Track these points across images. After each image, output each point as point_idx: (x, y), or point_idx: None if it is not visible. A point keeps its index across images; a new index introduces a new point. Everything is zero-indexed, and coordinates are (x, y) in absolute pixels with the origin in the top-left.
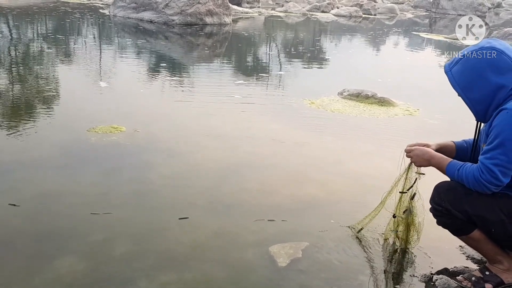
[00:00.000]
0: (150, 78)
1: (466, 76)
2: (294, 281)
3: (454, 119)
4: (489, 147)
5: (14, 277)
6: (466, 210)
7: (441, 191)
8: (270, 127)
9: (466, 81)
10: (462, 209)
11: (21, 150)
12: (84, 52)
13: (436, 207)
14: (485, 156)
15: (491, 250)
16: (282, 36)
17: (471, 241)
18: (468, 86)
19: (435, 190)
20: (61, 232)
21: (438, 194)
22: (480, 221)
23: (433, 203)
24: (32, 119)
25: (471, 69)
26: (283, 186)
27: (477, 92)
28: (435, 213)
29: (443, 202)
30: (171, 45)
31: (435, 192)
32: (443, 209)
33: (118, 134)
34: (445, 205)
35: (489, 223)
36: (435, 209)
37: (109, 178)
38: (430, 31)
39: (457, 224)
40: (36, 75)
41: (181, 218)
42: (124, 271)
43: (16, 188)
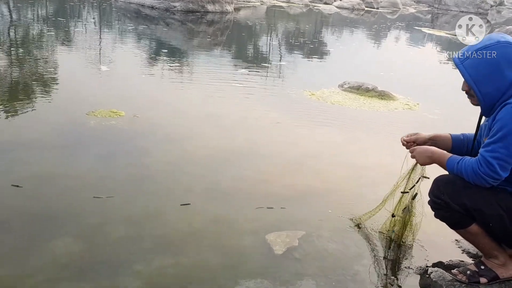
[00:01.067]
0: (150, 64)
1: (481, 70)
2: (289, 269)
3: (453, 114)
4: (490, 140)
5: (10, 257)
6: (465, 203)
7: (440, 184)
8: (269, 116)
9: (480, 74)
10: (461, 202)
11: (20, 131)
12: (85, 36)
13: (435, 200)
14: (486, 149)
15: (488, 244)
16: (283, 27)
17: (468, 235)
18: (482, 79)
19: (434, 183)
20: (58, 214)
21: (437, 187)
22: (479, 214)
23: (432, 196)
24: (31, 101)
25: (486, 63)
26: (280, 175)
27: (491, 86)
28: (434, 206)
29: (442, 195)
30: (172, 32)
31: (434, 185)
32: (442, 202)
33: (117, 118)
34: (444, 198)
35: (487, 217)
36: (434, 202)
37: (107, 162)
38: (432, 26)
39: (455, 218)
40: (36, 58)
41: (182, 204)
42: (120, 254)
43: (13, 169)
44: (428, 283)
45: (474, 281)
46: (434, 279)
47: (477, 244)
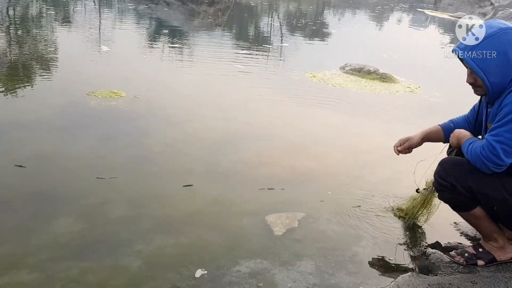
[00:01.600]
0: (151, 45)
1: (489, 60)
2: (289, 249)
3: (454, 97)
4: (496, 124)
5: (12, 235)
6: (471, 186)
7: (446, 166)
8: (270, 98)
9: (489, 64)
10: (467, 185)
11: (20, 111)
12: (85, 15)
13: (441, 182)
14: (490, 133)
15: (489, 227)
16: (285, 7)
17: (471, 218)
18: (491, 69)
19: (440, 165)
20: (59, 194)
21: (444, 168)
22: (484, 198)
23: (438, 178)
24: (31, 81)
25: (493, 52)
26: (280, 157)
27: (500, 74)
28: (439, 187)
29: (449, 177)
30: (172, 12)
31: (440, 167)
32: (448, 184)
33: (118, 99)
34: (450, 180)
35: (492, 201)
36: (440, 184)
37: (108, 143)
38: (435, 8)
39: (460, 200)
40: (36, 38)
41: (185, 186)
42: (120, 233)
43: (14, 150)
44: (426, 264)
45: (471, 263)
46: (432, 260)
47: (478, 226)
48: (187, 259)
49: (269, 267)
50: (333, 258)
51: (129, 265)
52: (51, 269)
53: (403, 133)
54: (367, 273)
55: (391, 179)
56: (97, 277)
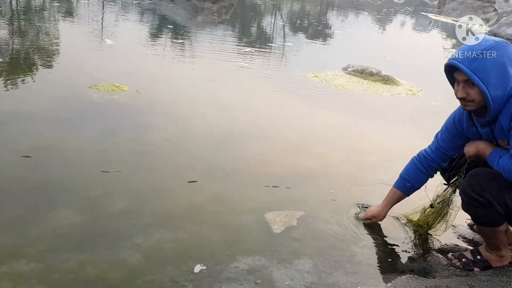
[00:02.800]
0: (155, 40)
1: (491, 73)
2: (287, 247)
3: (455, 101)
4: None
5: (12, 225)
6: (507, 203)
7: (482, 180)
8: (272, 97)
9: (491, 77)
10: (503, 201)
11: (23, 103)
12: (89, 9)
13: (476, 197)
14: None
15: (501, 240)
16: (289, 7)
17: (490, 232)
18: (493, 82)
19: (473, 178)
20: (59, 185)
21: (479, 183)
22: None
23: (472, 192)
24: (34, 73)
25: (494, 65)
26: (281, 156)
27: (500, 87)
28: (473, 203)
29: (486, 193)
30: (177, 8)
31: (474, 180)
32: (485, 200)
33: (120, 93)
34: (487, 196)
35: None
36: (474, 199)
37: (109, 136)
38: (439, 12)
39: (492, 217)
40: (39, 30)
41: (190, 182)
42: (120, 227)
43: (15, 140)
44: (424, 266)
45: (468, 269)
46: (430, 262)
47: (491, 239)
48: (186, 254)
49: (267, 264)
50: (331, 257)
51: (128, 258)
52: (50, 260)
53: (403, 136)
54: (365, 274)
55: (391, 180)
56: (96, 269)
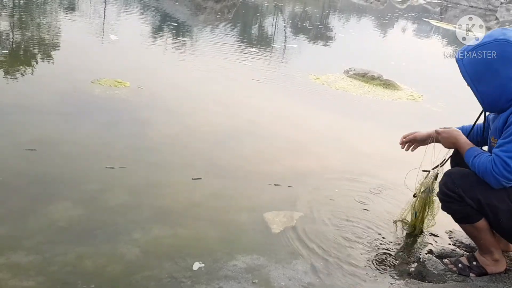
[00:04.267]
0: (157, 37)
1: (477, 68)
2: (285, 247)
3: (456, 108)
4: (505, 140)
5: (10, 217)
6: (479, 198)
7: (454, 177)
8: (272, 98)
9: (476, 72)
10: (475, 196)
11: (25, 96)
12: (91, 4)
13: (449, 193)
14: (500, 149)
15: (488, 241)
16: (291, 8)
17: (473, 230)
18: (478, 78)
19: (447, 176)
20: (59, 178)
21: (452, 180)
22: (491, 209)
23: (446, 189)
24: (37, 67)
25: (482, 61)
26: (281, 156)
27: (487, 84)
28: (446, 199)
29: (457, 188)
30: (179, 6)
31: (447, 178)
32: (456, 195)
33: (122, 88)
34: (458, 191)
35: (500, 212)
36: (447, 195)
37: (110, 131)
38: (440, 19)
39: (466, 212)
40: (41, 24)
41: (194, 179)
42: (119, 221)
43: (16, 132)
44: (421, 270)
45: (464, 274)
46: (427, 267)
47: (478, 239)
48: (185, 251)
49: (265, 263)
50: (329, 258)
51: (126, 253)
52: (48, 252)
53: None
54: (362, 276)
55: (391, 183)
56: (94, 262)
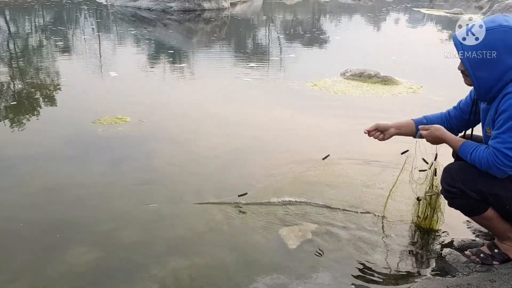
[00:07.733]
0: (152, 67)
1: (478, 53)
2: (304, 262)
3: (458, 95)
4: (499, 131)
5: (27, 269)
6: (480, 189)
7: (452, 172)
8: (273, 111)
9: (477, 58)
10: (476, 188)
11: (28, 144)
12: (85, 43)
13: (449, 189)
14: (496, 141)
15: (502, 228)
16: (281, 18)
17: (484, 221)
18: (478, 63)
19: (446, 172)
20: (70, 224)
21: (450, 175)
22: (495, 199)
23: (446, 185)
24: (37, 113)
25: (484, 46)
26: (288, 169)
27: (486, 70)
28: (448, 195)
29: (456, 182)
30: (170, 33)
31: (446, 174)
32: (457, 190)
33: (123, 124)
34: (458, 185)
35: (504, 200)
36: (448, 191)
37: (117, 168)
38: (430, 6)
39: (471, 204)
40: (38, 69)
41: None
42: (135, 258)
43: (23, 183)
44: (443, 266)
45: (487, 263)
46: (449, 261)
47: (492, 228)
48: (203, 279)
49: (286, 281)
50: (349, 267)
51: None
52: None
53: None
54: (385, 280)
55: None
56: None
